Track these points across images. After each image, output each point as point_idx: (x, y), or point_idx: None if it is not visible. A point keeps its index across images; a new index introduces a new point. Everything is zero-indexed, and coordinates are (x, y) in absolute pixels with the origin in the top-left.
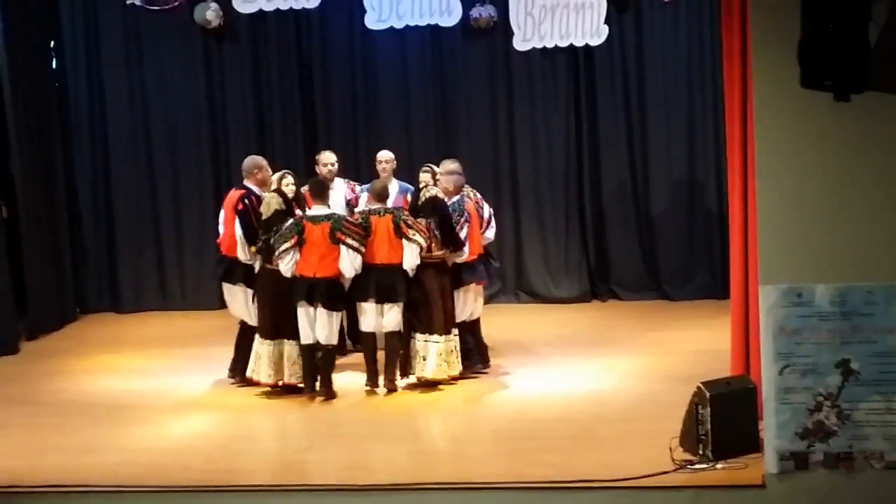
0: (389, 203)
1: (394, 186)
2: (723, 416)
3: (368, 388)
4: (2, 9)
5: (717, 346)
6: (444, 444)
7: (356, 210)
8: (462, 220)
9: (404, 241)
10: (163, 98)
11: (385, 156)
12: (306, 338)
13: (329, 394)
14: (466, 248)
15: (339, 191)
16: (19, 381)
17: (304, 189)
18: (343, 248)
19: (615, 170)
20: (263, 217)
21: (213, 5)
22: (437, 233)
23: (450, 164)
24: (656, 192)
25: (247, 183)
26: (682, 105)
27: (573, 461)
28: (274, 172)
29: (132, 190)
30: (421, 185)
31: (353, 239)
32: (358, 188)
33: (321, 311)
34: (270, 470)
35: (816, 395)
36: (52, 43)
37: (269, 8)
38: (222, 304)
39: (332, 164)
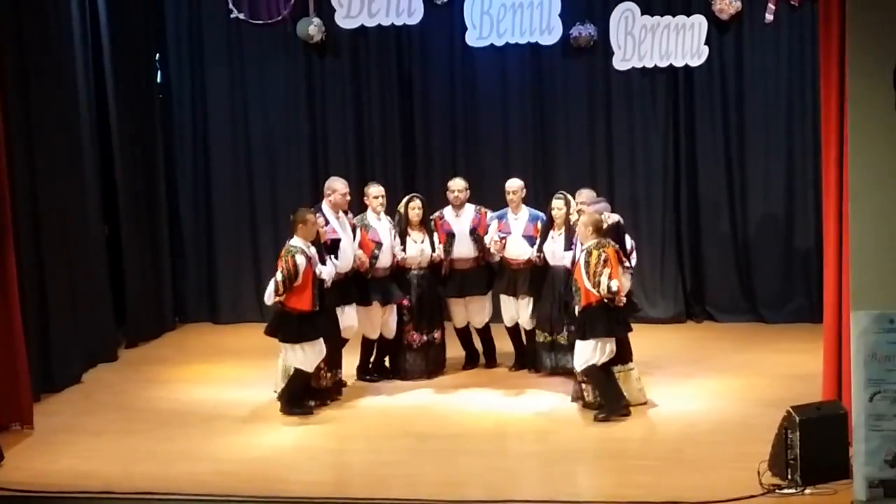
0: (518, 230)
1: (524, 214)
2: (812, 442)
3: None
4: (109, 21)
5: (811, 370)
6: (530, 462)
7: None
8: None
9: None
10: (264, 112)
11: (514, 185)
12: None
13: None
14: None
15: (468, 217)
16: (117, 388)
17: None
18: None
19: (712, 191)
20: None
21: (316, 20)
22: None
23: (590, 193)
24: (753, 214)
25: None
26: (780, 127)
27: (662, 482)
28: (367, 187)
29: (232, 203)
30: (553, 210)
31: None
32: (489, 215)
33: None
34: (361, 483)
35: None
36: (158, 55)
37: (370, 24)
38: None
39: (461, 191)
